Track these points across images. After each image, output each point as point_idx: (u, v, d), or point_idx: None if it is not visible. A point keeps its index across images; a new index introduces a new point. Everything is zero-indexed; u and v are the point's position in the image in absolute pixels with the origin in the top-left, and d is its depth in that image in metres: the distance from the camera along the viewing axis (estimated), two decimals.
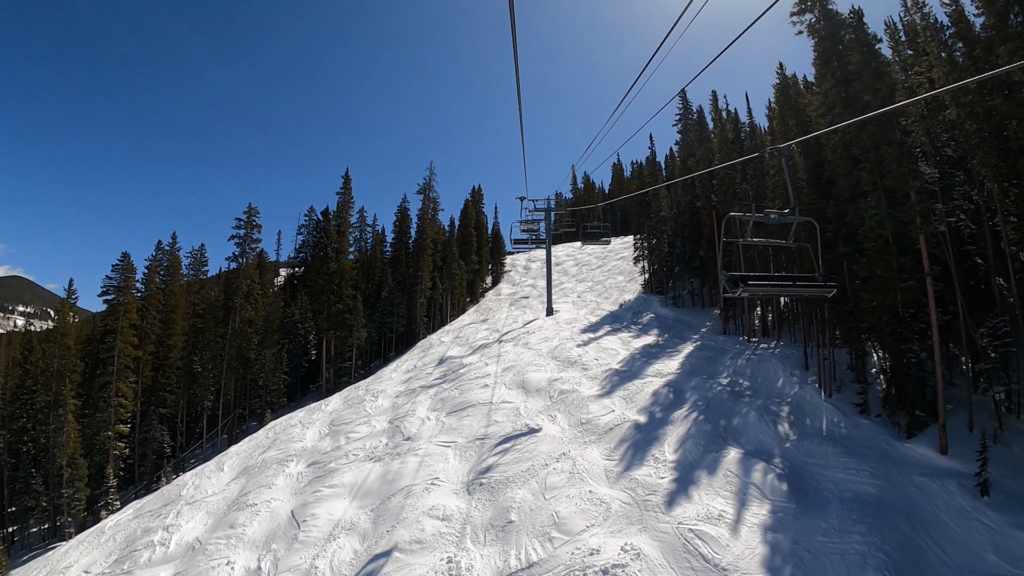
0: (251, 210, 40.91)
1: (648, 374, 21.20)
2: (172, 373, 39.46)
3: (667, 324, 32.28)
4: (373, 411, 25.84)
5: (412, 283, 46.13)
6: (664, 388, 18.94)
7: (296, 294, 48.98)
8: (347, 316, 39.55)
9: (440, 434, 19.89)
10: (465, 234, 54.60)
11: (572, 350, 26.28)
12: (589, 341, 28.33)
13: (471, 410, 21.02)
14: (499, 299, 54.75)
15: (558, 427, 17.46)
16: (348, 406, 28.15)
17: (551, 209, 38.40)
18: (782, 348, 22.47)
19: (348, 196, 42.95)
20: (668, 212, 42.00)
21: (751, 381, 19.02)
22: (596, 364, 23.31)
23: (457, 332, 42.20)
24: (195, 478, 24.17)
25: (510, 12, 4.99)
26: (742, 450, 14.54)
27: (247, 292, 39.74)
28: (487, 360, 28.17)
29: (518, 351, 28.31)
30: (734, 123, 27.28)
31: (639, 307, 37.95)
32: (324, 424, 26.27)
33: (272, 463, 22.35)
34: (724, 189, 25.28)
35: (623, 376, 21.24)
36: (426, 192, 50.90)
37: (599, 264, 59.49)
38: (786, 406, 16.81)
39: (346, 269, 40.67)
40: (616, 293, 44.64)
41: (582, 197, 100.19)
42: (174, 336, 39.65)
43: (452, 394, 23.90)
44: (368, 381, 33.98)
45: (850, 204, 16.11)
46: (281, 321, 46.96)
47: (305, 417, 28.90)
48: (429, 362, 32.95)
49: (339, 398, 31.17)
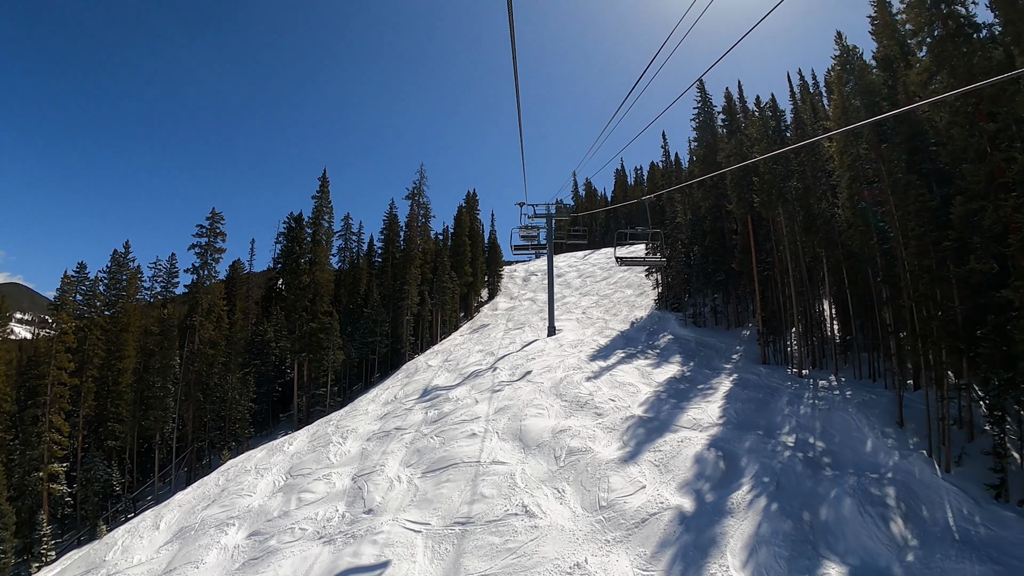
0: (215, 215, 36.22)
1: (681, 424, 16.36)
2: (122, 401, 34.66)
3: (690, 349, 27.47)
4: (337, 459, 21.08)
5: (398, 298, 41.37)
6: (709, 450, 14.09)
7: (270, 310, 44.24)
8: (322, 336, 34.72)
9: (410, 507, 15.08)
10: (458, 243, 49.87)
11: (581, 385, 21.45)
12: (600, 372, 23.51)
13: (452, 472, 16.18)
14: (495, 315, 49.92)
15: (568, 511, 12.61)
16: (312, 448, 23.42)
17: (553, 216, 33.78)
18: (852, 389, 17.60)
19: (325, 200, 38.27)
20: (684, 218, 37.37)
21: (826, 442, 14.17)
22: (612, 407, 18.47)
23: (447, 354, 37.37)
24: (127, 536, 20.70)
25: (508, 11, 4.74)
26: (845, 567, 9.72)
27: (208, 309, 34.93)
28: (478, 395, 23.36)
29: (515, 384, 23.48)
30: (773, 110, 22.71)
31: (654, 326, 33.15)
32: (281, 471, 21.65)
33: (211, 526, 18.07)
34: (767, 188, 20.59)
35: (649, 427, 16.40)
36: (415, 197, 46.27)
37: (604, 276, 54.75)
38: (890, 486, 11.96)
39: (322, 283, 35.88)
40: (626, 309, 39.86)
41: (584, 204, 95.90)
42: (125, 359, 34.85)
43: (432, 443, 19.08)
44: (341, 414, 29.18)
45: (985, 201, 11.41)
46: (250, 341, 42.14)
47: (263, 460, 24.23)
48: (411, 393, 28.13)
49: (306, 435, 26.53)
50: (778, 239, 21.84)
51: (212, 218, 36.33)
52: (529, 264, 71.94)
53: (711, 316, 32.06)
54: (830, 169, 21.20)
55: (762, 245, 23.72)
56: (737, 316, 31.08)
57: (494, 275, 58.91)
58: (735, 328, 31.04)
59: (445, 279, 43.56)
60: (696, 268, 32.72)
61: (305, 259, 36.34)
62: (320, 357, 34.60)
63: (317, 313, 35.07)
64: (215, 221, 36.30)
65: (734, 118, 25.38)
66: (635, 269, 52.11)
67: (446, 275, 43.88)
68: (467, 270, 49.44)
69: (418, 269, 42.72)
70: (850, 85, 18.57)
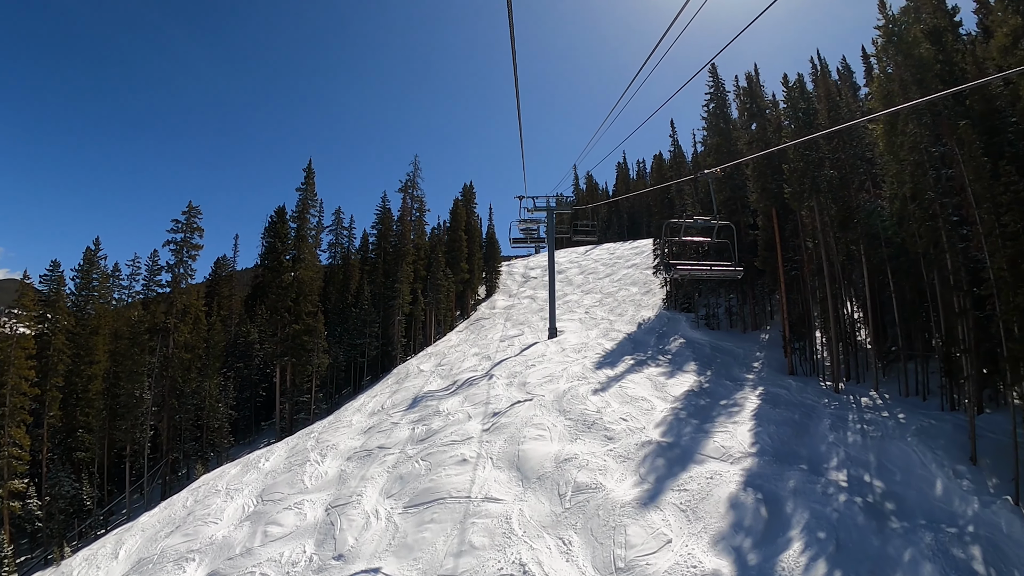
0: (191, 209, 33.68)
1: (708, 453, 13.97)
2: (92, 409, 32.29)
3: (705, 355, 25.09)
4: (313, 483, 18.83)
5: (389, 296, 38.90)
6: (745, 491, 11.70)
7: (256, 309, 41.76)
8: (306, 339, 32.30)
9: (387, 553, 12.78)
10: (454, 238, 47.30)
11: (587, 399, 19.06)
12: (608, 383, 21.11)
13: (438, 509, 13.83)
14: (493, 313, 47.45)
15: (576, 572, 10.24)
16: (288, 467, 21.16)
17: (553, 209, 31.28)
18: (904, 411, 15.17)
19: (311, 192, 35.71)
20: (694, 211, 34.86)
21: (886, 481, 11.78)
22: (625, 428, 16.09)
23: (441, 357, 34.98)
24: (84, 566, 19.19)
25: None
26: None
27: (183, 310, 32.47)
28: (471, 408, 21.01)
29: (513, 396, 21.11)
30: (801, 90, 20.11)
31: (663, 328, 30.75)
32: (253, 493, 19.52)
33: (170, 559, 16.21)
34: (799, 177, 18.09)
35: (670, 456, 14.01)
36: (407, 190, 43.68)
37: (607, 272, 52.25)
38: (974, 544, 9.61)
39: (306, 281, 33.37)
40: (631, 309, 37.43)
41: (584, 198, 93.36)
42: (95, 364, 32.45)
43: (416, 469, 16.75)
44: (324, 425, 26.86)
45: None
46: (233, 343, 39.71)
47: (236, 478, 22.04)
48: (400, 402, 25.80)
49: (284, 449, 24.33)
50: (809, 234, 19.37)
51: (189, 212, 33.79)
52: (528, 260, 69.49)
53: (725, 318, 29.66)
54: (868, 156, 18.71)
55: (788, 242, 21.29)
56: (754, 318, 28.68)
57: (492, 272, 56.40)
58: (752, 331, 28.65)
59: (439, 276, 41.08)
60: None
61: (289, 256, 33.82)
62: (304, 361, 32.19)
63: (301, 314, 32.62)
64: (192, 215, 33.76)
65: (756, 101, 22.79)
66: (640, 266, 49.68)
67: (440, 272, 41.39)
68: (463, 267, 46.92)
69: (410, 266, 40.20)
70: (897, 58, 16.06)
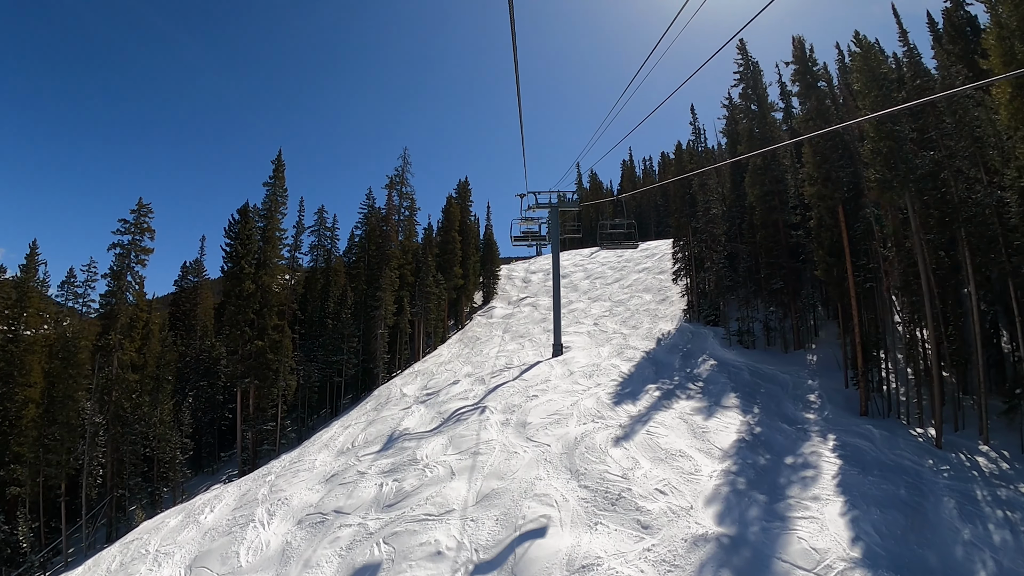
0: (141, 208, 29.19)
1: (792, 559, 9.43)
2: (25, 439, 27.91)
3: (744, 382, 20.57)
4: (248, 559, 14.33)
5: (371, 306, 34.40)
6: None
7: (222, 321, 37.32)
8: (270, 357, 27.81)
9: None
10: (447, 240, 42.74)
11: (607, 453, 14.54)
12: (632, 426, 16.58)
13: None
14: (490, 324, 42.93)
15: None
16: (229, 527, 16.62)
17: (555, 205, 26.79)
18: None
19: (280, 187, 31.24)
20: (719, 209, 30.39)
21: None
22: (664, 507, 11.55)
23: (428, 376, 30.47)
24: None
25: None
26: None
27: (129, 324, 28.02)
28: (456, 459, 16.49)
29: (510, 443, 16.60)
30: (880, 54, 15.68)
31: (687, 345, 26.24)
32: (183, 563, 15.11)
33: None
34: (890, 161, 13.50)
35: (736, 563, 9.48)
36: (394, 186, 39.18)
37: (616, 277, 47.72)
38: None
39: (270, 290, 28.89)
40: (647, 320, 32.89)
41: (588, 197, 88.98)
42: (29, 388, 28.04)
43: (375, 557, 12.24)
44: (286, 463, 22.37)
45: None
46: (196, 359, 35.25)
47: (171, 535, 17.50)
48: (373, 439, 21.33)
49: (234, 495, 19.83)
50: (891, 235, 14.84)
51: (138, 211, 29.32)
52: (530, 263, 65.12)
53: (762, 334, 25.11)
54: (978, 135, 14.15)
55: (857, 245, 16.81)
56: (797, 336, 24.14)
57: (489, 276, 51.88)
58: (794, 350, 24.13)
59: (429, 282, 36.56)
60: (743, 272, 25.72)
61: (252, 261, 29.31)
62: (268, 383, 27.71)
63: (265, 328, 28.14)
64: (141, 215, 29.30)
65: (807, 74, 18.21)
66: (652, 271, 45.26)
67: (430, 278, 36.89)
68: (457, 271, 42.39)
69: (395, 271, 35.71)
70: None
